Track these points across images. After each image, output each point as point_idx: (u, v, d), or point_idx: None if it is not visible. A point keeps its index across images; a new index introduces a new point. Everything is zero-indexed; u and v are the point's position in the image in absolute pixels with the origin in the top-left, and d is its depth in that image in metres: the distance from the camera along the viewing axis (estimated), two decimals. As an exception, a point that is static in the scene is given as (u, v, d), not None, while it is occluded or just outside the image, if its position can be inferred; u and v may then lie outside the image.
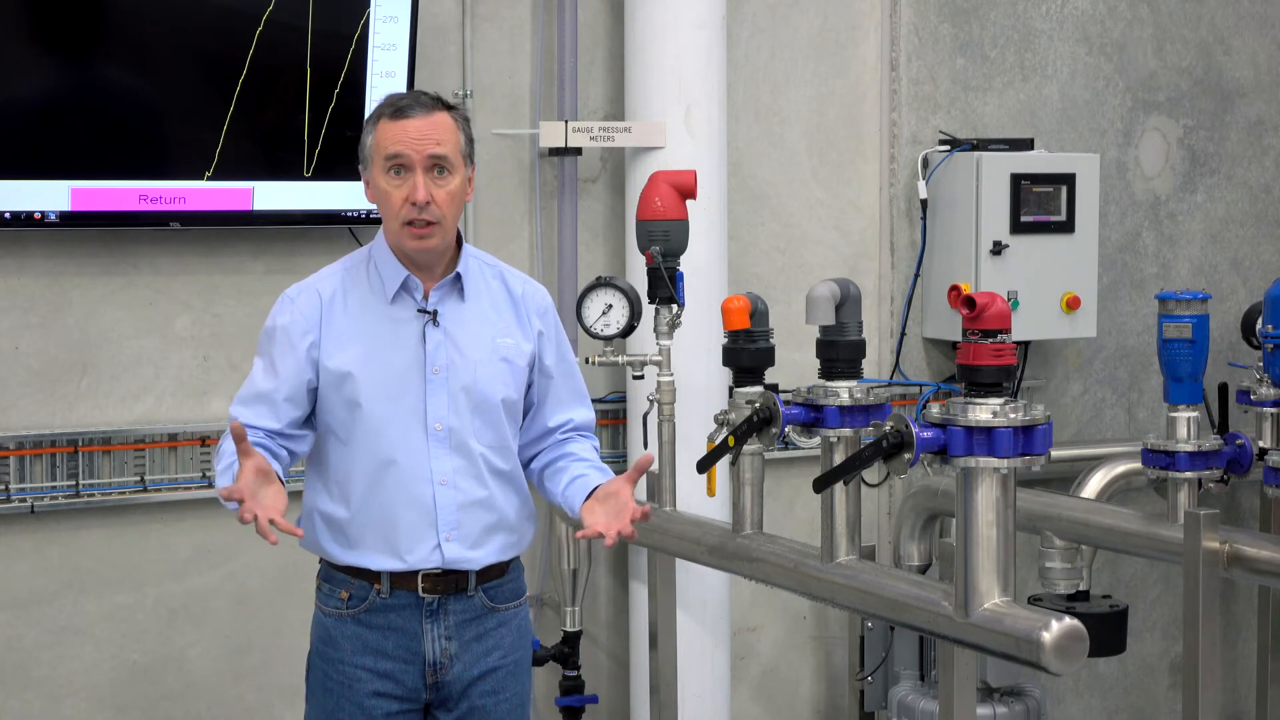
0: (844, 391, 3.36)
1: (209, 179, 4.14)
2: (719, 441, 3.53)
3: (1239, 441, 4.03)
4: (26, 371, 4.17)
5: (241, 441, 2.84)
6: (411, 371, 3.10)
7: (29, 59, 3.98)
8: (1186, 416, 4.00)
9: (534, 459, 3.30)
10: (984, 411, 2.91)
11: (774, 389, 3.53)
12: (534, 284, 3.29)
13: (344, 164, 4.25)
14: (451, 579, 3.14)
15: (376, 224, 4.30)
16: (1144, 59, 5.45)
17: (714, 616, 4.60)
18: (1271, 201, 5.73)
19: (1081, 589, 4.40)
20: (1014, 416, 2.91)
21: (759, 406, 3.43)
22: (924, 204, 5.02)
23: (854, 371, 3.41)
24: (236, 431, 2.84)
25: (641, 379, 4.03)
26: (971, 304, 2.96)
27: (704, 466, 3.61)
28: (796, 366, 4.42)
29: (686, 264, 3.87)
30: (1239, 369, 4.91)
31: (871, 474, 3.13)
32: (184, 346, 4.32)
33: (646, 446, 3.93)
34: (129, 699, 4.28)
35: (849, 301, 3.42)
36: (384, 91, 4.22)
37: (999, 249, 4.86)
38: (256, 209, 4.23)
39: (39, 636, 4.20)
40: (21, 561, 4.17)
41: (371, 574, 3.13)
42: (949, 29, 5.12)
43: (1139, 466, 4.18)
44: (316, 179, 4.25)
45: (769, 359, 3.65)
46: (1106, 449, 4.95)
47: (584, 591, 4.56)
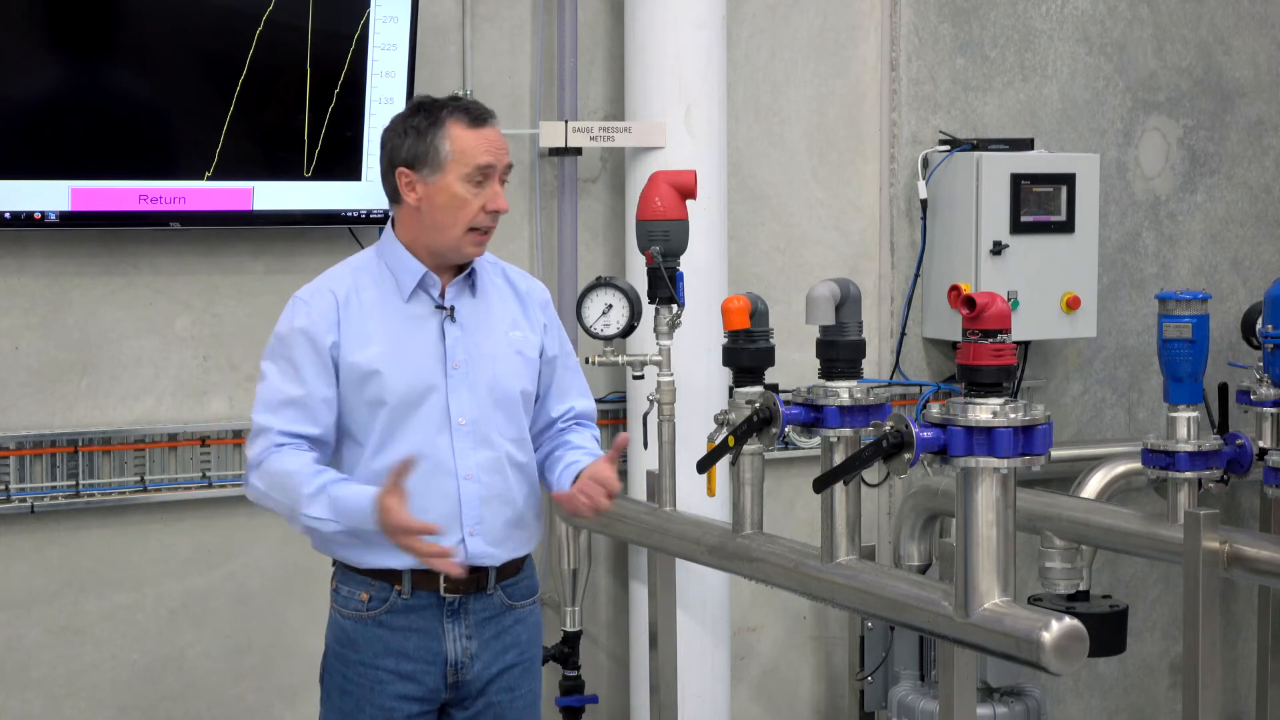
0: (844, 391, 3.36)
1: (209, 179, 4.14)
2: (719, 441, 3.53)
3: (1239, 441, 4.03)
4: (26, 371, 4.17)
5: (403, 475, 2.94)
6: (433, 367, 3.13)
7: (29, 59, 3.98)
8: (1186, 416, 4.00)
9: (536, 450, 3.33)
10: (984, 411, 2.91)
11: (774, 389, 3.53)
12: (533, 279, 3.38)
13: (344, 164, 4.26)
14: (473, 577, 3.16)
15: (376, 224, 4.32)
16: (1144, 59, 5.45)
17: (714, 616, 4.60)
18: (1271, 201, 5.73)
19: (1081, 589, 4.40)
20: (1014, 416, 2.91)
21: (759, 406, 3.43)
22: (924, 204, 5.02)
23: (854, 371, 3.41)
24: (410, 463, 2.95)
25: (641, 379, 4.03)
26: (971, 304, 2.96)
27: (704, 466, 3.61)
28: (796, 366, 4.42)
29: (686, 264, 3.86)
30: (1239, 369, 4.91)
31: (871, 474, 3.13)
32: (184, 346, 4.32)
33: (646, 446, 3.93)
34: (129, 699, 4.28)
35: (849, 301, 3.42)
36: (384, 92, 4.25)
37: (999, 249, 4.86)
38: (256, 209, 4.22)
39: (39, 636, 4.19)
40: (21, 561, 4.17)
41: (393, 575, 3.14)
42: (949, 29, 5.12)
43: (1139, 466, 4.18)
44: (316, 179, 4.25)
45: (769, 359, 3.65)
46: (1106, 449, 4.96)
47: (584, 591, 4.56)
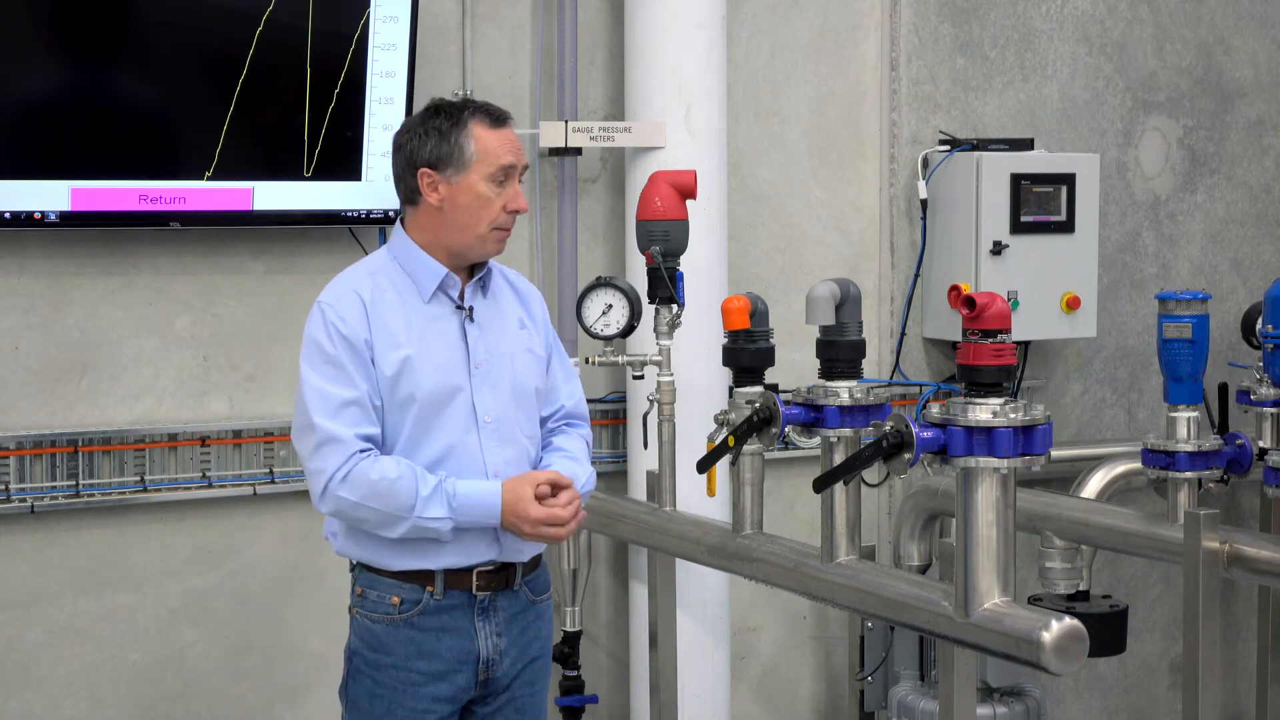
0: (844, 391, 3.36)
1: (209, 179, 4.14)
2: (719, 441, 3.53)
3: (1239, 441, 4.03)
4: (26, 371, 4.17)
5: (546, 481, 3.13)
6: (458, 367, 3.16)
7: (29, 59, 3.98)
8: (1186, 416, 4.00)
9: None
10: (984, 411, 2.91)
11: (774, 389, 3.53)
12: (526, 279, 3.43)
13: (344, 164, 4.26)
14: (502, 575, 3.20)
15: (376, 224, 4.32)
16: (1144, 59, 5.45)
17: (714, 616, 4.60)
18: (1271, 201, 5.73)
19: (1081, 589, 4.40)
20: (1014, 416, 2.91)
21: (759, 406, 3.43)
22: (924, 204, 5.02)
23: (854, 371, 3.42)
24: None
25: (641, 379, 4.04)
26: (971, 304, 2.96)
27: (704, 466, 3.61)
28: (796, 366, 4.42)
29: (686, 264, 3.87)
30: (1239, 369, 4.91)
31: (871, 474, 3.13)
32: (184, 346, 4.32)
33: (646, 446, 3.94)
34: (129, 699, 4.28)
35: (849, 301, 3.42)
36: (384, 92, 4.25)
37: (999, 249, 4.86)
38: (256, 209, 4.22)
39: (39, 636, 4.19)
40: (21, 561, 4.17)
41: (424, 576, 3.15)
42: (949, 29, 5.11)
43: (1139, 466, 4.19)
44: (316, 179, 4.24)
45: (769, 359, 3.65)
46: (1106, 449, 4.95)
47: (584, 591, 4.56)
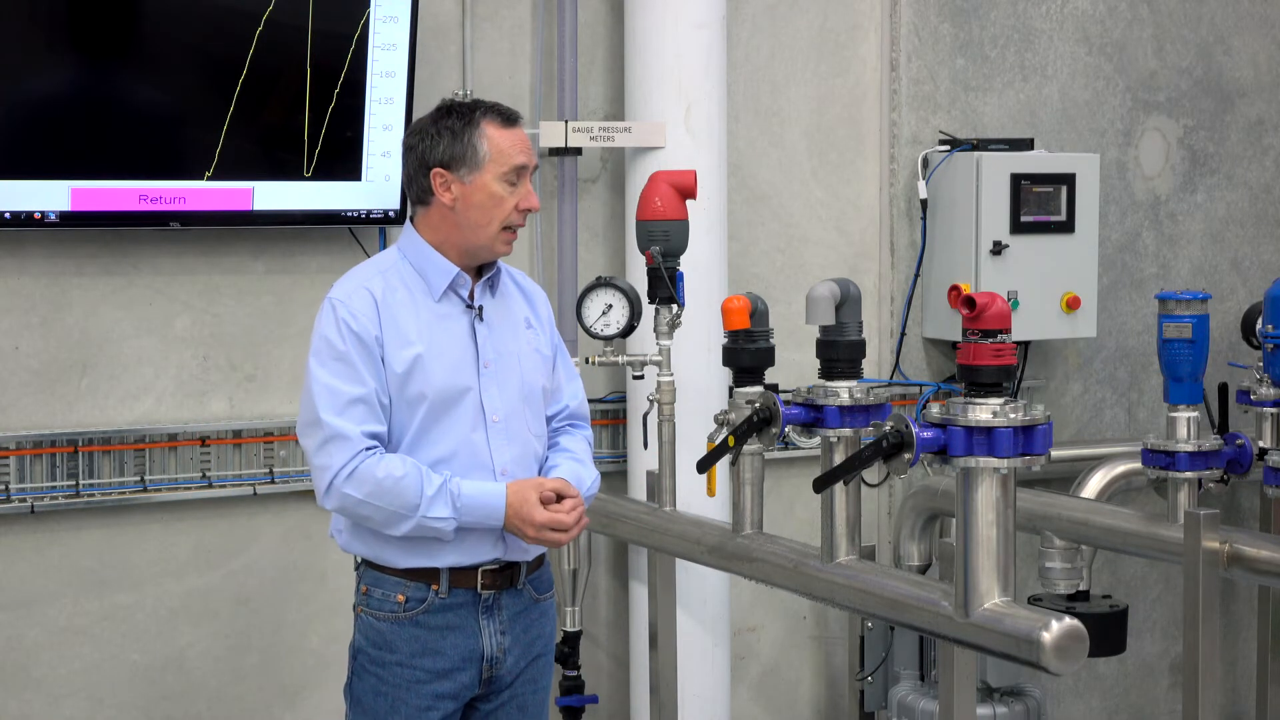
0: (844, 391, 3.36)
1: (209, 179, 4.14)
2: (719, 441, 3.53)
3: (1239, 441, 4.03)
4: (26, 371, 4.17)
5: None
6: (467, 365, 3.18)
7: (29, 59, 3.98)
8: (1186, 416, 4.00)
9: None
10: (984, 411, 2.91)
11: (774, 389, 3.53)
12: (530, 280, 3.44)
13: (344, 164, 4.26)
14: (507, 573, 3.22)
15: (376, 224, 4.32)
16: (1144, 59, 5.45)
17: (714, 616, 4.60)
18: (1271, 201, 5.73)
19: (1081, 589, 4.40)
20: (1014, 416, 2.91)
21: (759, 406, 3.43)
22: (924, 204, 5.02)
23: (854, 371, 3.42)
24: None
25: (641, 379, 4.04)
26: (971, 304, 2.96)
27: (704, 466, 3.61)
28: (796, 366, 4.42)
29: (686, 264, 3.87)
30: (1239, 369, 4.91)
31: (871, 474, 3.13)
32: (184, 346, 4.31)
33: (646, 447, 3.94)
34: (129, 699, 4.28)
35: (849, 301, 3.42)
36: (384, 92, 4.25)
37: (999, 249, 4.85)
38: (256, 209, 4.22)
39: (39, 636, 4.19)
40: (21, 561, 4.17)
41: (429, 574, 3.16)
42: (949, 29, 5.12)
43: (1139, 466, 4.19)
44: (316, 179, 4.24)
45: (769, 359, 3.65)
46: (1106, 449, 4.96)
47: (584, 591, 4.56)
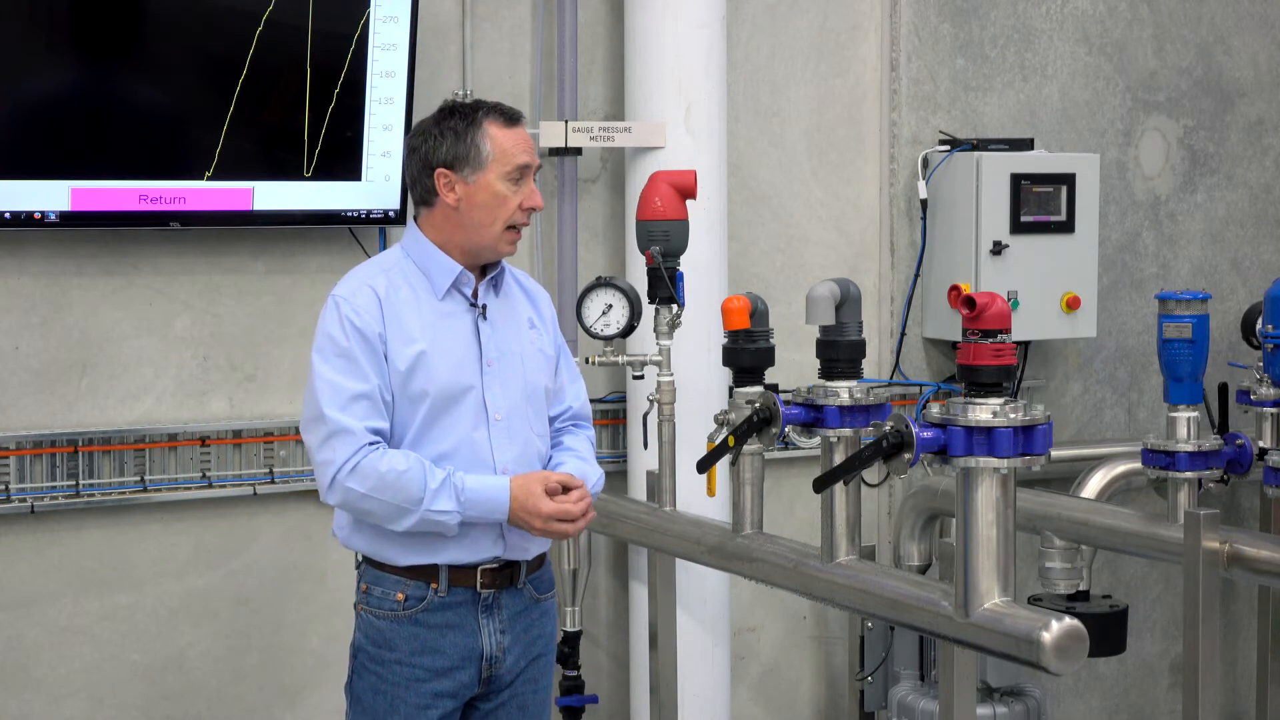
0: (844, 391, 3.36)
1: (209, 179, 4.14)
2: (719, 441, 3.53)
3: (1239, 441, 4.03)
4: (26, 371, 4.17)
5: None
6: (471, 363, 3.18)
7: (29, 59, 3.98)
8: (1186, 416, 4.00)
9: None
10: (984, 411, 2.91)
11: (774, 389, 3.53)
12: (533, 280, 3.45)
13: (344, 164, 4.26)
14: (507, 572, 3.22)
15: (376, 224, 4.32)
16: (1144, 59, 5.45)
17: (714, 616, 4.60)
18: (1271, 201, 5.73)
19: (1081, 589, 4.40)
20: (1014, 416, 2.91)
21: (759, 406, 3.43)
22: (924, 204, 5.02)
23: (854, 371, 3.42)
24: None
25: (641, 379, 4.04)
26: (971, 304, 2.96)
27: (704, 466, 3.61)
28: (796, 366, 4.42)
29: (686, 264, 3.87)
30: (1239, 369, 4.91)
31: (871, 474, 3.13)
32: (184, 346, 4.31)
33: (646, 447, 3.94)
34: (129, 699, 4.28)
35: (849, 301, 3.42)
36: (384, 92, 4.25)
37: (999, 249, 4.85)
38: (256, 209, 4.22)
39: (39, 636, 4.19)
40: (21, 561, 4.17)
41: (429, 573, 3.16)
42: (949, 29, 5.11)
43: (1139, 466, 4.19)
44: (316, 179, 4.24)
45: (769, 359, 3.65)
46: (1106, 449, 4.96)
47: (584, 591, 4.56)
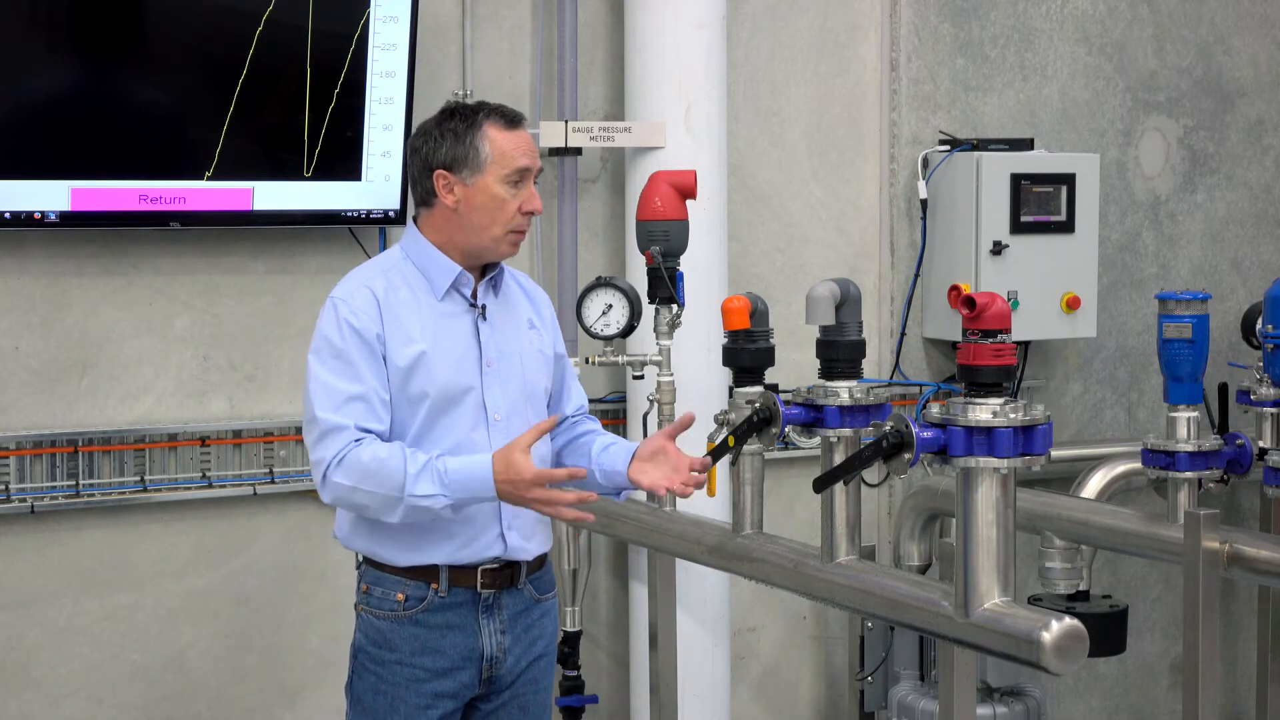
0: (844, 391, 3.36)
1: (209, 179, 4.14)
2: (719, 441, 3.53)
3: (1239, 441, 4.03)
4: (26, 371, 4.17)
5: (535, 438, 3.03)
6: (469, 364, 3.18)
7: (29, 59, 3.98)
8: (1186, 416, 4.00)
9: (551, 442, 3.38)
10: (984, 411, 2.91)
11: (774, 389, 3.53)
12: (533, 281, 3.44)
13: (344, 164, 4.26)
14: (507, 573, 3.22)
15: (376, 224, 4.32)
16: (1144, 59, 5.45)
17: (714, 616, 4.60)
18: (1271, 201, 5.73)
19: (1081, 589, 4.40)
20: (1014, 416, 2.90)
21: (759, 406, 3.42)
22: (924, 204, 5.02)
23: (854, 371, 3.41)
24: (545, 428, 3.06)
25: (641, 379, 4.04)
26: (971, 304, 2.95)
27: (704, 466, 3.61)
28: (796, 366, 4.42)
29: (686, 264, 3.87)
30: (1239, 369, 4.91)
31: (871, 474, 3.13)
32: (184, 346, 4.32)
33: (646, 447, 3.93)
34: (129, 699, 4.28)
35: (849, 301, 3.42)
36: (384, 92, 4.25)
37: (999, 249, 4.86)
38: (256, 209, 4.22)
39: (39, 636, 4.19)
40: (21, 561, 4.17)
41: (429, 573, 3.16)
42: (949, 29, 5.12)
43: (1139, 466, 4.18)
44: (316, 179, 4.25)
45: (769, 359, 3.65)
46: (1106, 449, 4.96)
47: (584, 591, 4.56)
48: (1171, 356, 4.01)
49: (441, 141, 3.15)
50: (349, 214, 4.31)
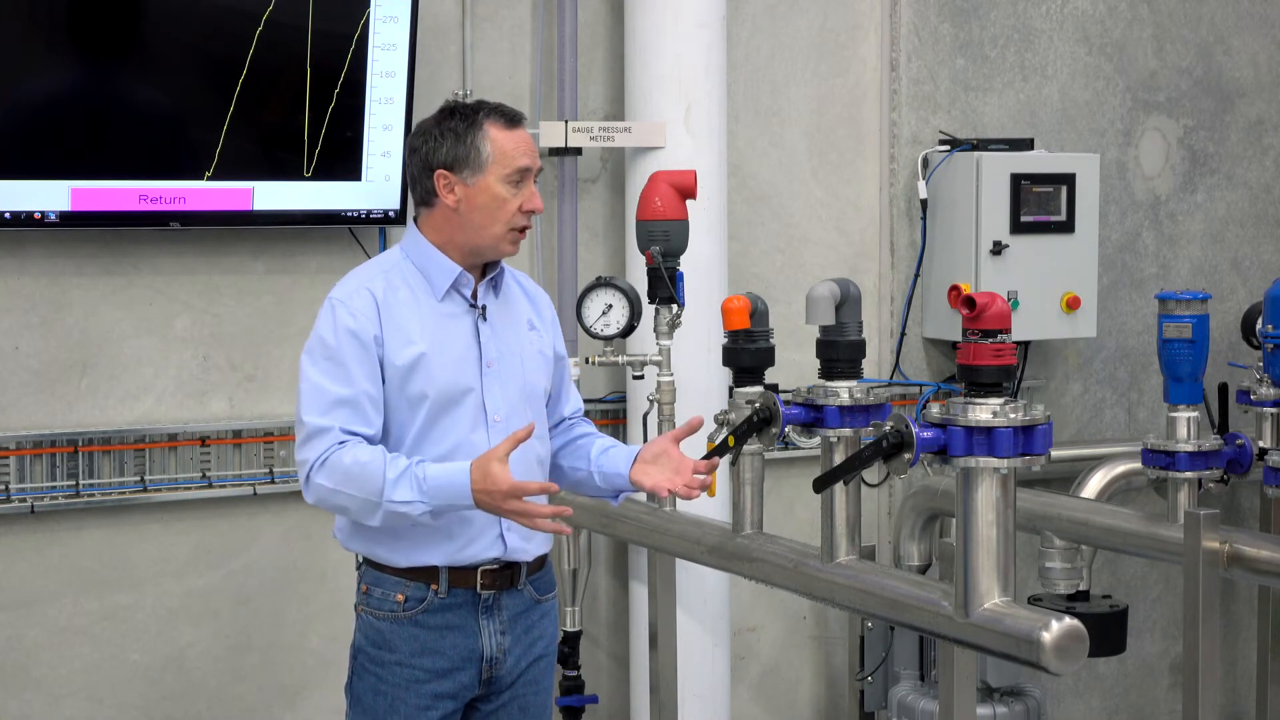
0: (844, 391, 3.36)
1: (209, 179, 4.14)
2: (719, 441, 3.53)
3: (1239, 441, 4.03)
4: (26, 371, 4.17)
5: (512, 447, 2.99)
6: (469, 365, 3.17)
7: (29, 59, 3.98)
8: (1186, 416, 4.00)
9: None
10: (984, 411, 2.91)
11: (774, 389, 3.53)
12: (533, 282, 3.44)
13: (344, 164, 4.26)
14: (506, 573, 3.21)
15: (376, 224, 4.32)
16: (1144, 59, 5.45)
17: (714, 616, 4.60)
18: (1271, 201, 5.73)
19: (1081, 589, 4.40)
20: (1014, 416, 2.90)
21: (759, 406, 3.43)
22: (924, 204, 5.02)
23: (854, 371, 3.41)
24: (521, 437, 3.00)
25: (641, 379, 4.04)
26: (971, 304, 2.95)
27: (704, 467, 3.61)
28: (796, 366, 4.42)
29: (686, 264, 3.87)
30: (1239, 369, 4.91)
31: (871, 474, 3.13)
32: (184, 346, 4.32)
33: (646, 447, 3.93)
34: (129, 699, 4.28)
35: (849, 301, 3.42)
36: (384, 92, 4.25)
37: (999, 249, 4.86)
38: (256, 209, 4.22)
39: (39, 636, 4.19)
40: (21, 561, 4.17)
41: (428, 574, 3.16)
42: (949, 29, 5.12)
43: (1139, 466, 4.18)
44: (316, 179, 4.25)
45: (769, 359, 3.65)
46: (1106, 449, 4.96)
47: (584, 591, 4.56)
48: (1171, 356, 4.02)
49: (442, 141, 3.15)
50: (349, 214, 4.31)
